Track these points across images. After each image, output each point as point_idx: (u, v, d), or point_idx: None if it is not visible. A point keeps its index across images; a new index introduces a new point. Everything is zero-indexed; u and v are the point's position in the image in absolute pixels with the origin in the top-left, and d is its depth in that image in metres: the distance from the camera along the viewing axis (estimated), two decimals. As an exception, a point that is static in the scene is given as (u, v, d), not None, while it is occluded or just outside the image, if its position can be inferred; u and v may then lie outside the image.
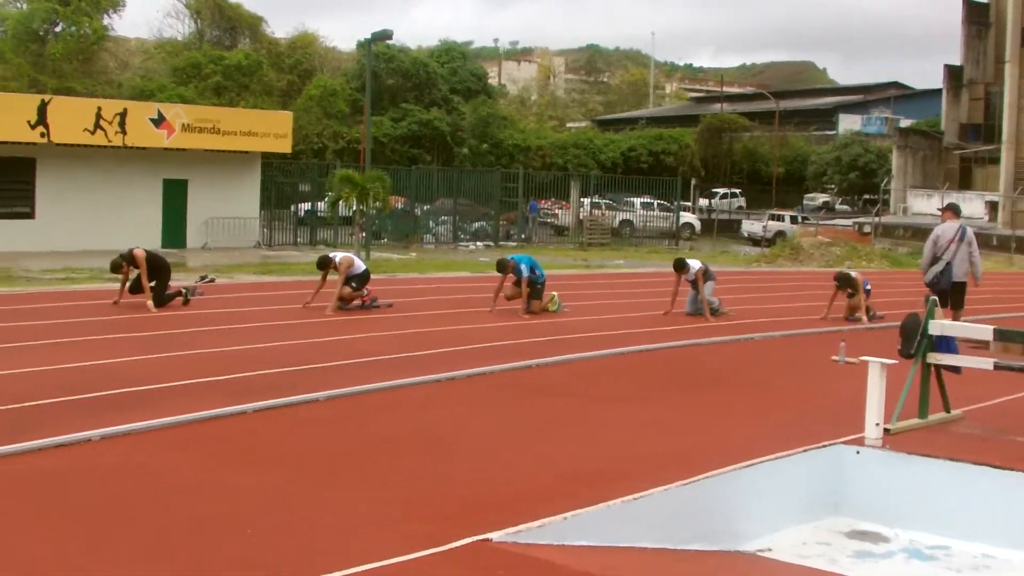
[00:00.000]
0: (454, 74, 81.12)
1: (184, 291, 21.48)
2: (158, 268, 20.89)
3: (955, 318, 19.30)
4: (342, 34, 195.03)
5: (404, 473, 9.59)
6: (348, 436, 11.03)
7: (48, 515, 8.08)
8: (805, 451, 10.55)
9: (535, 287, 21.76)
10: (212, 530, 7.89)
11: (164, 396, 12.29)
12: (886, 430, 11.07)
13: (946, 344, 12.29)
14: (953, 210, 20.89)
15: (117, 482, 9.02)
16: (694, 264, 22.43)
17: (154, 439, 10.45)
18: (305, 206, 48.65)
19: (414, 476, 9.47)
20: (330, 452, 10.30)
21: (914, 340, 11.98)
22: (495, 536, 7.72)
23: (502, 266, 22.23)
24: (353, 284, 21.16)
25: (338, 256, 21.76)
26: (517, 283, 21.85)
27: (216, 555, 7.40)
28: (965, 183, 72.26)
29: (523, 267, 21.69)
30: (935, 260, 19.71)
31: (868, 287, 23.02)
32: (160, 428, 10.77)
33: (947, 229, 19.88)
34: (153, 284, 20.52)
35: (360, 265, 21.91)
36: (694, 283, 22.23)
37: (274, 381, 13.45)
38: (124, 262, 20.64)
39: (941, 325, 12.13)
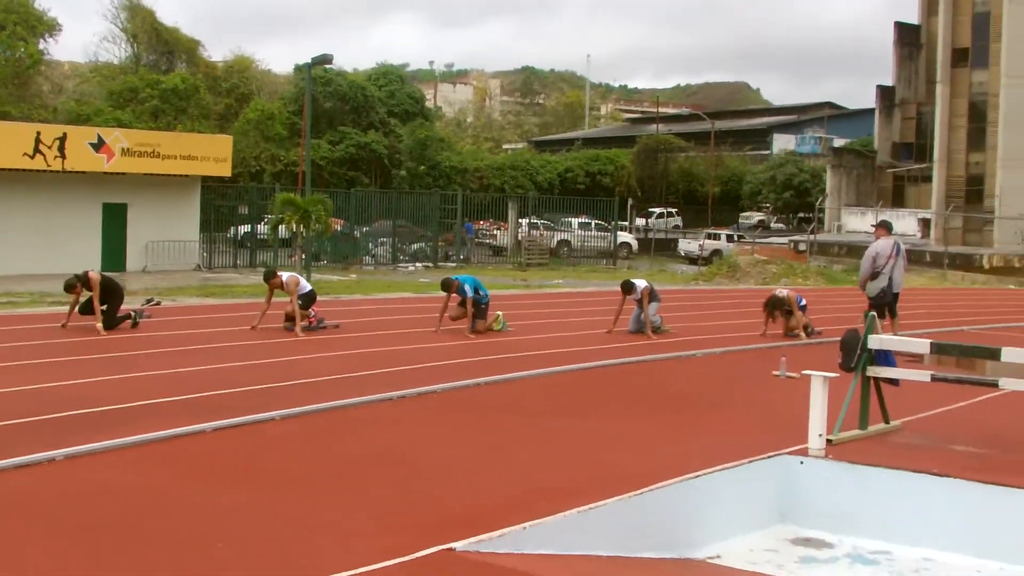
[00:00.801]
0: (391, 97, 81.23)
1: (133, 314, 21.60)
2: (111, 291, 21.02)
3: (894, 327, 19.96)
4: (278, 57, 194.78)
5: (368, 489, 9.83)
6: (309, 454, 11.22)
7: (13, 533, 8.23)
8: (751, 462, 10.87)
9: (479, 307, 22.03)
10: (180, 546, 8.07)
11: (123, 416, 12.45)
12: (829, 441, 11.42)
13: (885, 357, 12.66)
14: (886, 227, 21.64)
15: (83, 500, 9.20)
16: (640, 283, 22.78)
17: (117, 458, 10.63)
18: (244, 228, 48.68)
19: (378, 492, 9.70)
20: (292, 469, 10.50)
21: (854, 354, 12.35)
22: (458, 546, 8.00)
23: (446, 285, 22.48)
24: (300, 303, 21.34)
25: (285, 276, 21.95)
26: (462, 303, 22.10)
27: (186, 571, 7.61)
28: (898, 201, 73.33)
29: (467, 287, 21.96)
30: (875, 275, 20.33)
31: (803, 303, 23.42)
32: (122, 447, 10.94)
33: (884, 245, 20.52)
34: (104, 307, 20.62)
35: (306, 285, 22.10)
36: (639, 302, 22.57)
37: (230, 401, 13.62)
38: (78, 283, 20.74)
39: (880, 339, 12.52)
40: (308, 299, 21.82)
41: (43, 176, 38.79)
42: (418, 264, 50.26)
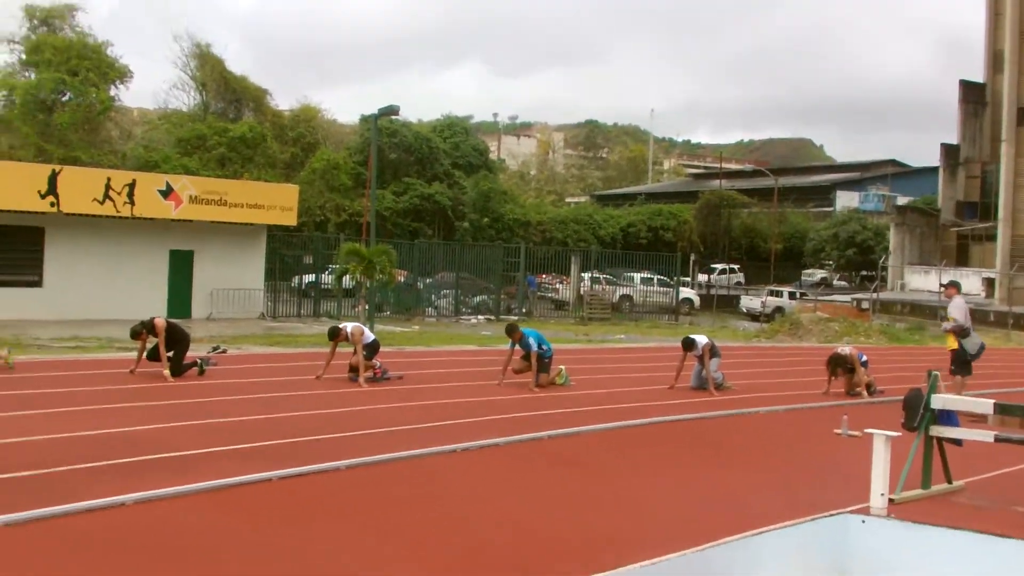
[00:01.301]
0: (456, 149, 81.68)
1: (200, 361, 21.85)
2: (178, 338, 21.29)
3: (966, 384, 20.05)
4: (344, 107, 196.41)
5: (430, 537, 9.96)
6: (373, 502, 11.35)
7: (87, 575, 8.39)
8: (813, 520, 10.90)
9: (543, 361, 22.15)
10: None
11: (191, 463, 12.64)
12: (891, 500, 11.44)
13: (948, 417, 12.66)
14: (957, 287, 21.64)
15: (153, 543, 9.37)
16: (701, 340, 22.85)
17: (185, 503, 10.81)
18: (308, 278, 49.01)
19: (440, 540, 9.84)
20: (357, 517, 10.64)
21: (917, 413, 12.36)
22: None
23: (511, 330, 22.69)
24: (364, 354, 21.52)
25: (349, 327, 22.16)
26: (525, 357, 22.22)
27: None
28: (962, 260, 72.89)
29: (531, 341, 22.10)
30: (967, 332, 20.44)
31: (865, 360, 23.40)
32: (191, 493, 11.12)
33: (964, 304, 20.75)
34: (171, 353, 20.88)
35: (370, 335, 22.30)
36: (700, 358, 22.61)
37: (296, 449, 13.81)
38: (144, 330, 21.03)
39: (943, 399, 12.52)
40: (372, 349, 22.02)
41: (112, 222, 39.25)
42: (480, 317, 50.35)
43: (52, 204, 37.48)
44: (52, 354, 25.45)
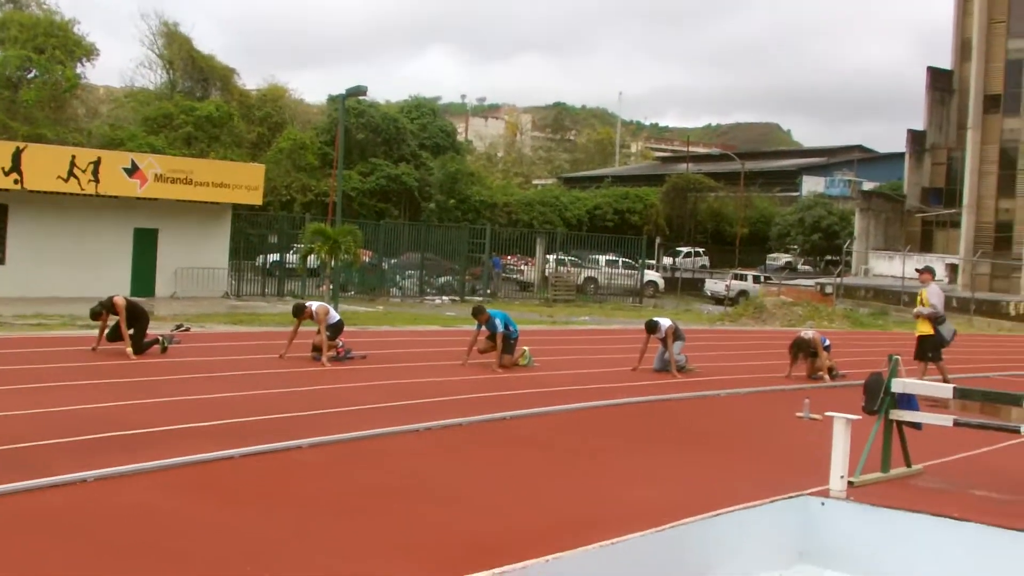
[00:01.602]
0: (423, 130, 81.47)
1: (161, 339, 21.79)
2: (137, 316, 21.22)
3: (942, 371, 20.18)
4: (312, 87, 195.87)
5: (390, 518, 9.98)
6: (336, 482, 11.39)
7: (43, 551, 8.38)
8: (773, 501, 10.95)
9: (508, 342, 22.21)
10: (207, 567, 8.24)
11: (152, 440, 12.62)
12: (850, 483, 11.50)
13: (908, 401, 12.73)
14: (932, 272, 21.76)
15: (113, 521, 9.37)
16: (664, 323, 22.95)
17: (146, 480, 10.80)
18: (273, 257, 48.90)
19: (403, 521, 9.86)
20: (316, 497, 10.65)
21: (877, 397, 12.43)
22: (480, 576, 8.10)
23: (478, 312, 22.70)
24: (328, 334, 21.51)
25: (314, 306, 22.15)
26: (491, 337, 22.28)
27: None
28: (926, 246, 73.33)
29: (498, 322, 22.16)
30: (943, 319, 20.60)
31: (827, 343, 23.51)
32: (151, 470, 11.11)
33: (940, 290, 20.90)
34: (132, 332, 20.82)
35: (335, 315, 22.30)
36: (663, 340, 22.70)
37: (257, 428, 13.78)
38: (103, 310, 20.97)
39: (903, 383, 12.59)
40: (336, 329, 22.02)
41: (76, 199, 39.07)
42: (445, 298, 50.36)
43: (16, 181, 37.28)
44: (15, 331, 25.34)
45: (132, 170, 40.08)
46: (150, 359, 20.47)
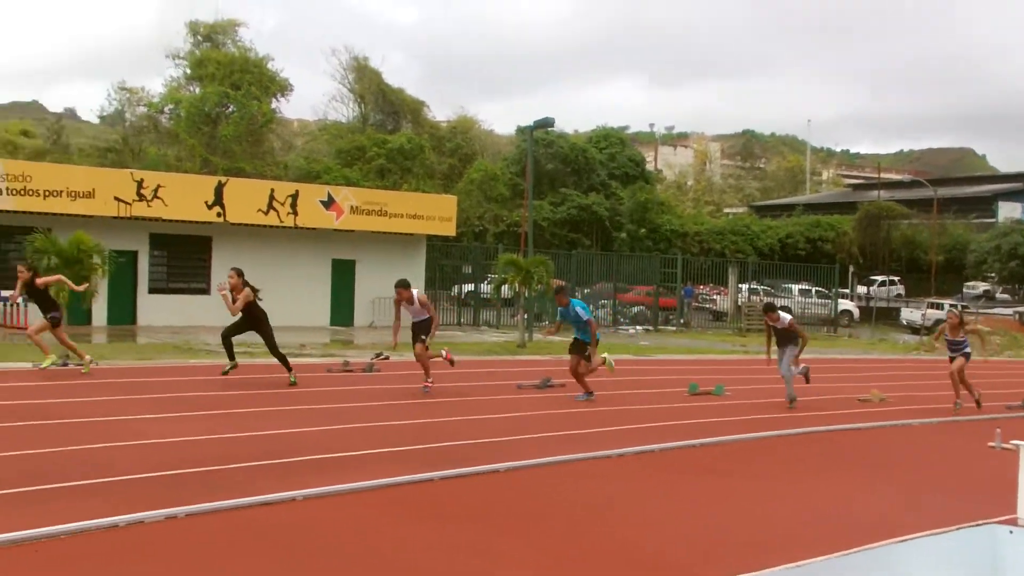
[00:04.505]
0: (612, 159, 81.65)
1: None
2: (258, 316, 22.12)
3: None
4: (500, 118, 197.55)
5: (582, 536, 10.29)
6: (531, 502, 11.73)
7: (262, 565, 8.72)
8: (958, 529, 10.75)
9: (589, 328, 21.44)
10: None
11: (359, 462, 13.19)
12: (1038, 511, 11.25)
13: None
14: None
15: (324, 536, 9.81)
16: (785, 316, 22.34)
17: (354, 499, 11.31)
18: (467, 287, 49.47)
19: (591, 539, 10.18)
20: (515, 515, 11.01)
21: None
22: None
23: (561, 290, 22.03)
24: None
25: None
26: (578, 328, 21.60)
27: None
28: None
29: (580, 311, 21.36)
30: None
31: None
32: (360, 491, 11.62)
33: None
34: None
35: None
36: (785, 333, 21.96)
37: (458, 452, 14.24)
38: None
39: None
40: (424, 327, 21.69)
41: (276, 231, 40.09)
42: (638, 327, 50.38)
43: (219, 214, 38.46)
44: (222, 359, 25.99)
45: (328, 203, 41.01)
46: (354, 386, 20.90)
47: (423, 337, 21.21)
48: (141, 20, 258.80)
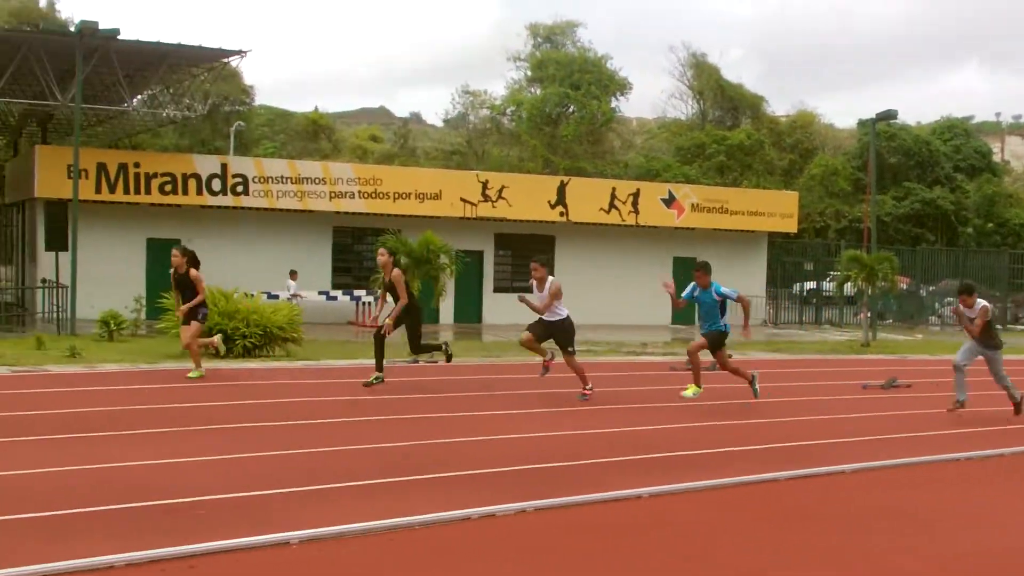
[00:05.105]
0: (956, 151, 79.24)
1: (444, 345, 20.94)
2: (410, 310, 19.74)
3: None
4: (839, 112, 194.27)
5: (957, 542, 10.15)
6: (870, 504, 11.50)
7: (597, 561, 8.97)
8: None
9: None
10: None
11: (696, 462, 13.32)
12: None
13: None
14: None
15: (664, 535, 9.96)
16: (980, 301, 18.70)
17: (697, 499, 11.42)
18: (809, 285, 49.06)
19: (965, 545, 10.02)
20: (846, 517, 10.85)
21: None
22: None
23: (703, 267, 18.70)
24: None
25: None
26: (707, 318, 19.20)
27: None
28: None
29: (725, 289, 18.71)
30: None
31: None
32: (700, 490, 11.72)
33: None
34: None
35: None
36: (974, 324, 18.34)
37: (801, 452, 14.23)
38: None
39: None
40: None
41: (618, 230, 40.64)
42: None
43: (561, 213, 39.26)
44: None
45: (669, 200, 41.38)
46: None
47: (570, 349, 18.96)
48: (482, 25, 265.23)
